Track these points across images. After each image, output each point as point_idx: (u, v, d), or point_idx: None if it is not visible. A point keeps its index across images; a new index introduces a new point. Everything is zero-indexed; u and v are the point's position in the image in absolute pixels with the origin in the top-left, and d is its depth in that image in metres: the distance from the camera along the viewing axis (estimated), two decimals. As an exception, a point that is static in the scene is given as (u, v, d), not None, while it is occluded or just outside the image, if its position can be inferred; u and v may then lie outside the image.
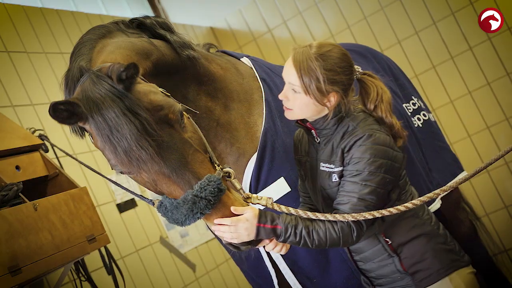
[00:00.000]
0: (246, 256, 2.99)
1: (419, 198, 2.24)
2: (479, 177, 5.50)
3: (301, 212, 2.27)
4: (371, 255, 2.48)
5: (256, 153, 2.83)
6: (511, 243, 5.50)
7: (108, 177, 2.76)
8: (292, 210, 2.29)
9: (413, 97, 4.05)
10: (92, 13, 5.04)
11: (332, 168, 2.38)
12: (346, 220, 2.23)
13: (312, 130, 2.47)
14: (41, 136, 3.43)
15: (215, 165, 2.25)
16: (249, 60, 3.15)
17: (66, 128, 4.05)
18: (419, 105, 4.02)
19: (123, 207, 4.32)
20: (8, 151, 3.05)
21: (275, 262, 2.91)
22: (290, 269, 2.88)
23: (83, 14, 4.77)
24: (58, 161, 3.65)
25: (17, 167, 3.05)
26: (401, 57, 5.48)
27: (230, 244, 2.30)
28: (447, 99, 5.67)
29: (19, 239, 2.66)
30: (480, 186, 5.58)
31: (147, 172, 2.14)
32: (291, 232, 2.23)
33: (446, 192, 2.25)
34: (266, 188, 2.81)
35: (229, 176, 2.26)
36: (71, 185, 3.21)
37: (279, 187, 2.73)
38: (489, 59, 5.49)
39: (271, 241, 2.31)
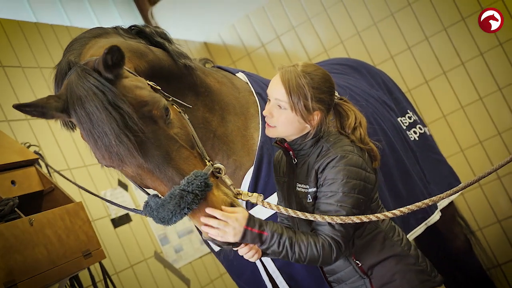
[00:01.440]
0: (243, 270, 2.98)
1: (407, 207, 2.23)
2: (472, 192, 5.53)
3: (290, 211, 2.28)
4: (344, 276, 2.48)
5: (253, 166, 2.84)
6: (504, 257, 5.52)
7: (101, 194, 2.75)
8: (282, 209, 2.29)
9: (408, 111, 4.07)
10: (87, 28, 5.03)
11: (307, 188, 2.40)
12: (336, 222, 2.23)
13: (290, 152, 2.49)
14: (35, 153, 3.42)
15: (206, 160, 2.26)
16: (244, 75, 3.17)
17: (61, 142, 4.07)
18: (414, 118, 4.05)
19: (117, 222, 4.31)
20: (4, 165, 3.04)
21: (272, 276, 2.91)
22: (287, 283, 2.87)
23: (77, 29, 4.77)
24: (50, 174, 3.63)
25: (13, 182, 3.04)
26: (394, 72, 5.50)
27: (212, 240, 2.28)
28: (440, 114, 5.70)
29: (15, 255, 2.65)
30: (473, 201, 5.60)
31: (130, 167, 2.15)
32: (275, 241, 2.23)
33: (433, 203, 2.24)
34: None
35: (220, 172, 2.26)
36: (67, 199, 3.20)
37: (276, 201, 2.73)
38: (481, 74, 5.53)
39: (246, 244, 2.31)
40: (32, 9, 4.89)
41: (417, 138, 3.95)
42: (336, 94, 2.50)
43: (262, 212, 2.70)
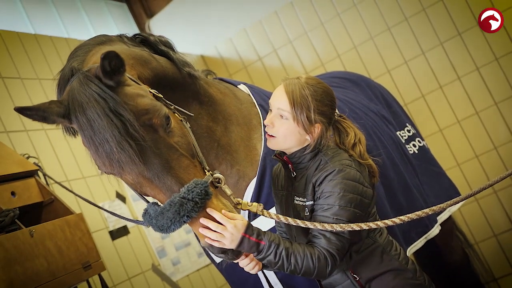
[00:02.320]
0: (244, 282, 2.97)
1: (407, 215, 2.22)
2: (468, 206, 5.54)
3: (290, 220, 2.27)
4: None
5: (256, 177, 2.83)
6: (501, 271, 5.52)
7: (100, 205, 2.74)
8: (281, 218, 2.28)
9: (407, 124, 4.09)
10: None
11: (304, 201, 2.40)
12: (336, 229, 2.23)
13: (289, 165, 2.49)
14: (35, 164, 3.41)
15: (205, 170, 2.25)
16: (246, 87, 3.18)
17: (60, 154, 4.06)
18: (413, 132, 4.07)
19: (115, 234, 4.29)
20: (4, 176, 3.03)
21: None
22: (288, 294, 2.86)
23: (76, 41, 4.78)
24: (48, 185, 3.62)
25: (13, 193, 3.03)
26: (390, 86, 5.51)
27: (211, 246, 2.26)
28: (436, 128, 5.72)
29: (15, 266, 2.64)
30: (470, 215, 5.61)
31: (129, 174, 2.14)
32: (272, 251, 2.22)
33: (433, 212, 2.23)
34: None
35: (219, 182, 2.26)
36: (67, 211, 3.19)
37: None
38: (477, 88, 5.55)
39: (247, 256, 2.32)
40: (30, 21, 4.89)
41: (416, 151, 3.96)
42: (336, 111, 2.52)
43: (262, 224, 2.70)
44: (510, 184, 5.47)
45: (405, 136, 3.97)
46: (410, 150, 3.90)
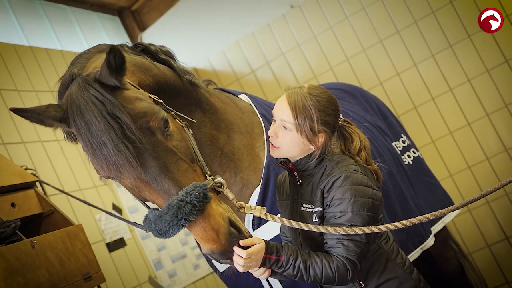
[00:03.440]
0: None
1: (408, 220, 2.24)
2: (461, 217, 5.57)
3: (294, 223, 2.28)
4: None
5: (260, 185, 2.84)
6: (494, 282, 5.54)
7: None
8: (285, 221, 2.30)
9: (402, 135, 4.11)
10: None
11: (312, 208, 2.39)
12: (339, 233, 2.24)
13: (295, 172, 2.49)
14: (34, 175, 3.40)
15: (206, 175, 2.25)
16: (247, 97, 3.19)
17: (57, 166, 4.05)
18: (408, 143, 4.09)
19: (112, 246, 4.27)
20: (4, 188, 3.02)
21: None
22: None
23: (71, 53, 4.78)
24: (46, 194, 3.61)
25: (13, 204, 3.02)
26: (383, 98, 5.52)
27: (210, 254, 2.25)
28: (429, 139, 5.76)
29: (17, 277, 2.62)
30: (462, 226, 5.64)
31: (127, 177, 2.14)
32: (290, 264, 2.24)
33: (434, 217, 2.25)
34: (268, 222, 2.80)
35: (221, 187, 2.26)
36: (66, 222, 3.18)
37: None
38: (469, 100, 5.61)
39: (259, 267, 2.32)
40: (24, 34, 4.89)
41: (411, 162, 3.98)
42: (340, 116, 2.52)
43: (268, 231, 2.71)
44: (503, 195, 5.52)
45: (400, 147, 3.99)
46: (405, 161, 3.93)
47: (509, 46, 5.43)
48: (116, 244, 4.32)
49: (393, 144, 3.92)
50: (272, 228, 2.76)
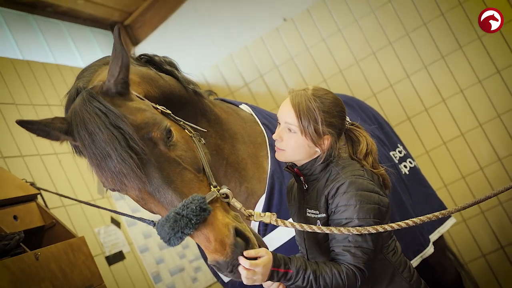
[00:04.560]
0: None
1: (419, 217, 2.24)
2: (456, 226, 5.58)
3: (305, 226, 2.25)
4: None
5: (265, 194, 2.84)
6: (490, 291, 5.57)
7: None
8: (297, 225, 2.27)
9: (398, 145, 4.14)
10: (77, 67, 5.06)
11: (317, 214, 2.37)
12: (353, 233, 2.22)
13: (301, 177, 2.47)
14: (34, 186, 3.39)
15: (211, 186, 2.23)
16: (248, 107, 3.21)
17: (55, 179, 4.04)
18: (405, 153, 4.12)
19: (112, 259, 4.26)
20: (6, 200, 3.02)
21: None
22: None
23: (67, 68, 4.79)
24: (47, 207, 3.59)
25: (15, 217, 3.01)
26: (376, 109, 5.54)
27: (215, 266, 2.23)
28: (423, 150, 5.78)
29: (22, 290, 2.61)
30: (458, 235, 5.66)
31: (132, 189, 2.14)
32: (300, 276, 2.21)
33: (443, 216, 2.25)
34: (275, 230, 2.81)
35: (227, 197, 2.24)
36: (68, 235, 3.17)
37: (288, 230, 2.73)
38: (462, 110, 5.64)
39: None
40: (19, 48, 4.89)
41: (407, 172, 4.00)
42: (348, 119, 2.50)
43: (275, 238, 2.70)
44: (497, 204, 5.54)
45: (397, 156, 4.01)
46: (402, 171, 3.95)
47: (500, 56, 5.48)
48: (115, 257, 4.30)
49: (391, 153, 3.94)
50: (280, 236, 2.76)
